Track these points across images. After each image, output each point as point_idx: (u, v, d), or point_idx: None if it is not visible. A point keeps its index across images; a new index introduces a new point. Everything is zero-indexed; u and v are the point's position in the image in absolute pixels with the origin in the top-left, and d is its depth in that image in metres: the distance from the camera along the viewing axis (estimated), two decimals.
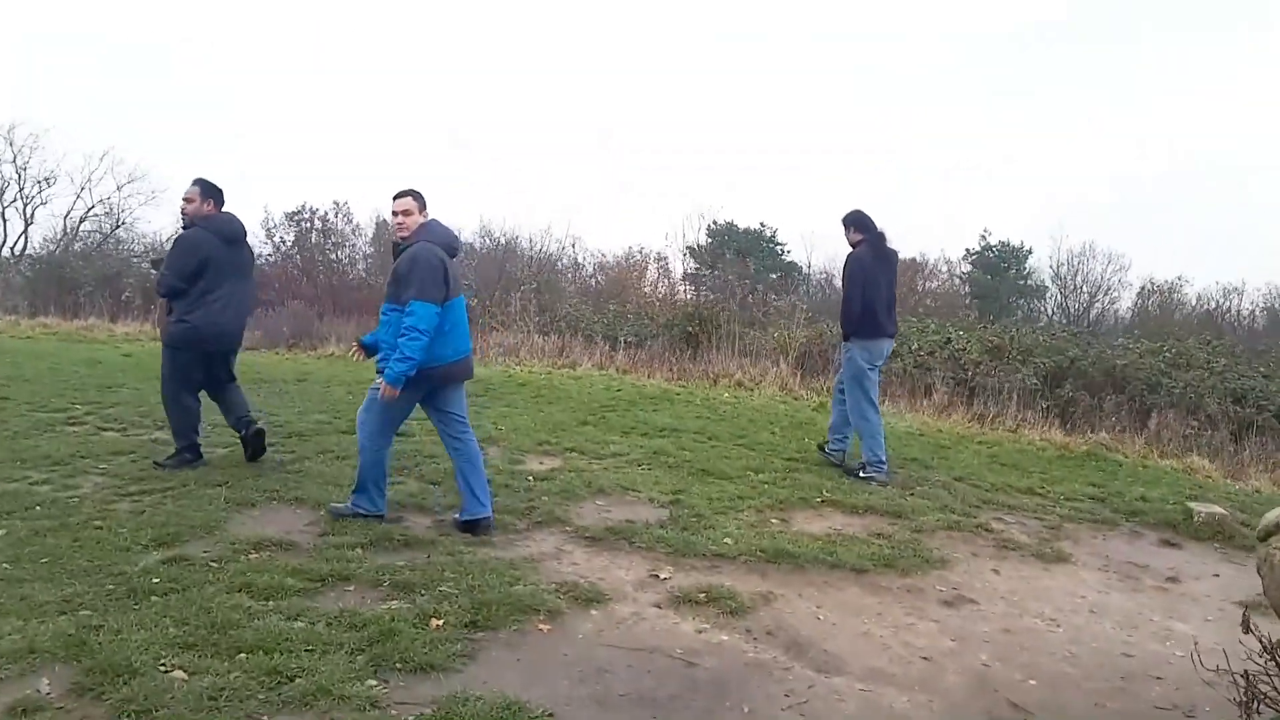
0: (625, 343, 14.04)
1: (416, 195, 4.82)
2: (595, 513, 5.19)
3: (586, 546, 4.60)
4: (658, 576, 4.24)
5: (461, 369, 4.93)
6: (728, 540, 4.72)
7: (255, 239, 23.61)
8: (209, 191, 5.82)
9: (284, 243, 25.19)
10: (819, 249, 45.26)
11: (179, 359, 5.80)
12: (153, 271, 6.00)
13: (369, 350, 4.98)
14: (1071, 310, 33.90)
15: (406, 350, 4.54)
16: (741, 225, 34.84)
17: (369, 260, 24.87)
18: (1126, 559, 5.11)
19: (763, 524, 5.12)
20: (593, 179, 48.16)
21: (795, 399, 10.17)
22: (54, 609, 3.38)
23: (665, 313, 15.92)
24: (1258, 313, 29.64)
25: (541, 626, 3.61)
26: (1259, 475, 8.52)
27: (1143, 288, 31.82)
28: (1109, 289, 34.20)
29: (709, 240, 37.91)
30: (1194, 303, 30.34)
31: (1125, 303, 32.88)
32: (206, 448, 6.13)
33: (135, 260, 25.23)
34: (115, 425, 7.06)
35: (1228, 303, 30.16)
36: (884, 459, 6.44)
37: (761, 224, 34.17)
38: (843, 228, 6.79)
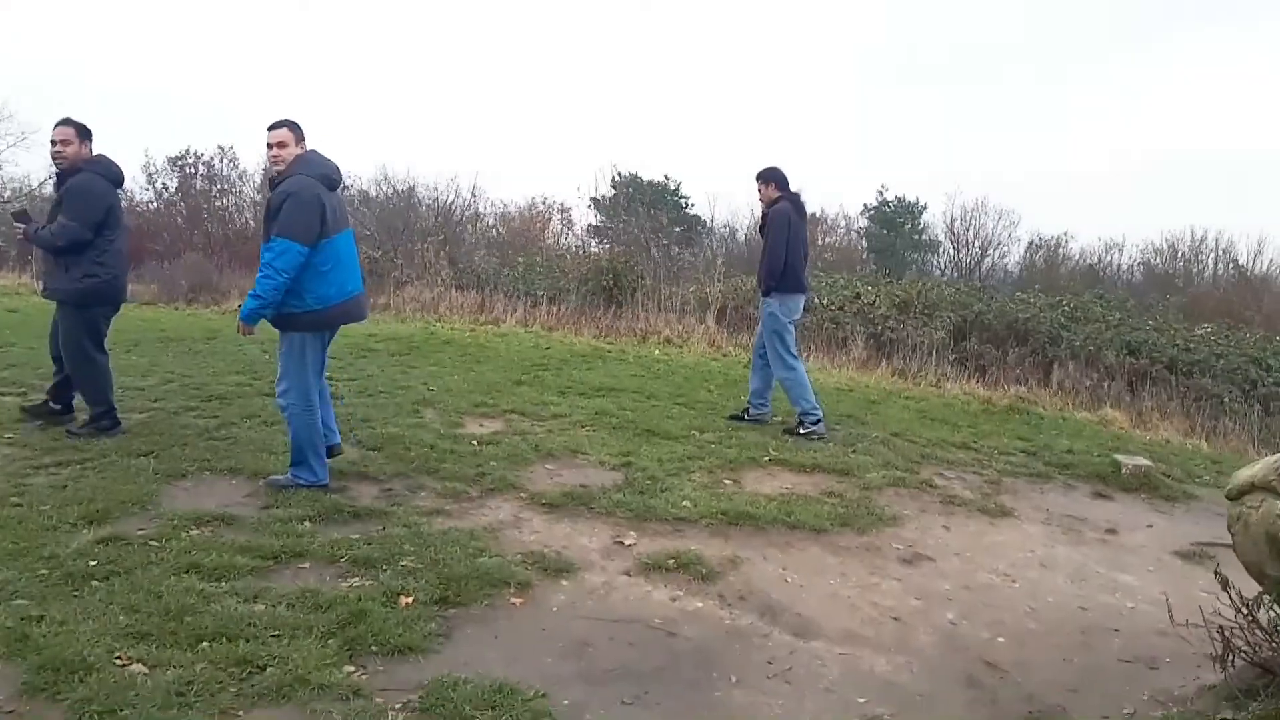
0: (545, 298, 13.82)
1: (293, 125, 4.57)
2: (547, 477, 5.07)
3: (545, 514, 4.48)
4: (622, 543, 4.16)
5: (355, 308, 4.74)
6: (686, 503, 4.66)
7: (136, 184, 22.35)
8: (84, 133, 5.34)
9: (166, 189, 23.92)
10: (722, 203, 45.56)
11: (88, 316, 5.36)
12: (19, 225, 5.43)
13: None
14: (964, 264, 34.88)
15: (260, 288, 4.33)
16: (646, 177, 34.64)
17: (257, 208, 23.75)
18: (1065, 512, 5.27)
19: (716, 485, 5.09)
20: (502, 128, 47.26)
21: (724, 356, 10.18)
22: None
23: (579, 267, 15.71)
24: (1135, 268, 31.04)
25: (514, 600, 3.50)
26: (1162, 424, 8.95)
27: (1031, 242, 32.95)
28: (999, 243, 35.31)
29: (613, 192, 37.56)
30: (1077, 257, 31.67)
31: (1015, 257, 33.95)
32: (123, 412, 5.76)
33: (3, 206, 23.54)
34: (14, 389, 6.55)
35: (1109, 257, 31.52)
36: (818, 407, 6.48)
37: (666, 176, 33.94)
38: (760, 183, 6.70)
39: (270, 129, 4.54)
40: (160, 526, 3.89)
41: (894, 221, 35.73)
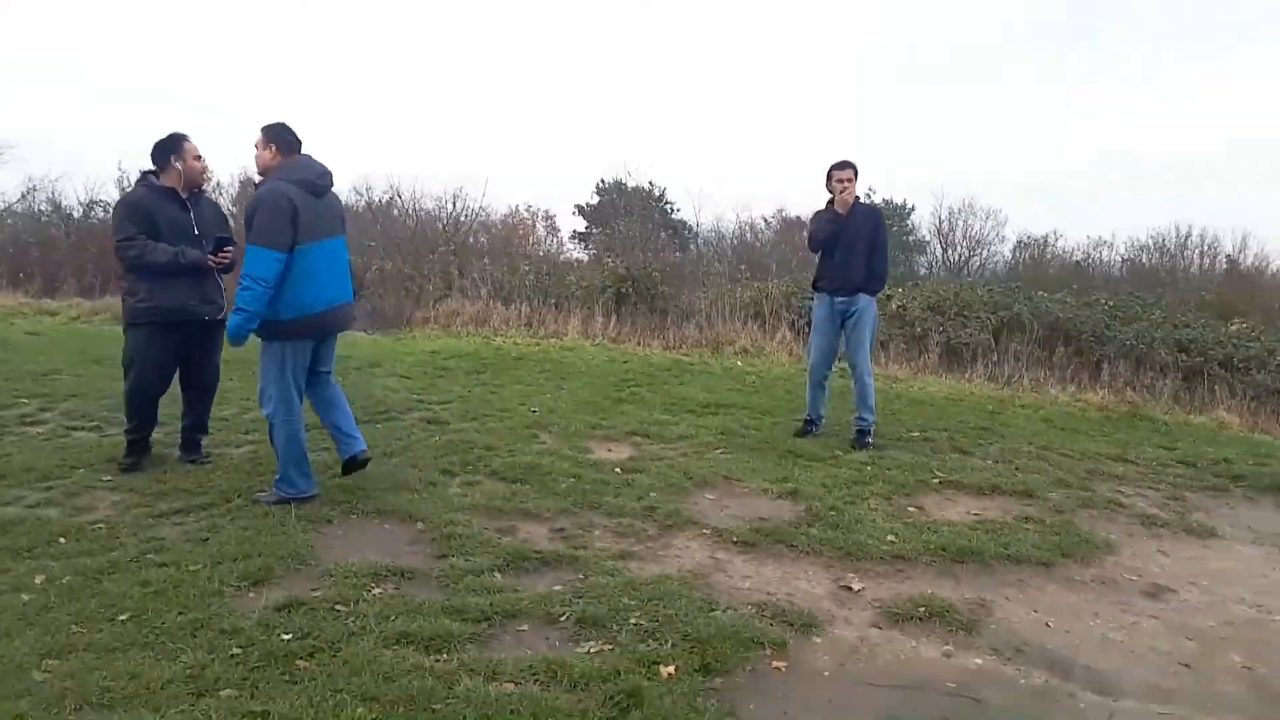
0: (553, 304, 13.28)
1: (268, 130, 4.39)
2: (716, 509, 4.58)
3: (742, 553, 3.99)
4: (850, 588, 3.68)
5: (335, 319, 4.49)
6: (891, 538, 4.19)
7: (95, 195, 21.78)
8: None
9: None
10: (706, 207, 45.33)
11: None
12: (228, 250, 4.91)
13: None
14: (952, 264, 34.62)
15: (240, 301, 4.15)
16: (630, 184, 34.13)
17: (235, 220, 22.96)
18: (1271, 529, 4.84)
19: (902, 513, 4.62)
20: (482, 131, 46.90)
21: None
22: (185, 691, 2.59)
23: (592, 275, 15.16)
24: (1121, 265, 30.67)
25: (775, 664, 3.00)
26: (1268, 423, 8.57)
27: (1019, 241, 32.75)
28: (987, 243, 35.10)
29: (598, 199, 37.06)
30: (1065, 256, 31.31)
31: (1003, 257, 33.70)
32: (218, 446, 5.28)
33: None
34: (85, 423, 6.01)
35: (1097, 254, 31.25)
36: None
37: (650, 182, 33.30)
38: (851, 173, 6.07)
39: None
40: (337, 586, 3.37)
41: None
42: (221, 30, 49.35)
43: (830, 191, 6.21)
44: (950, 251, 35.58)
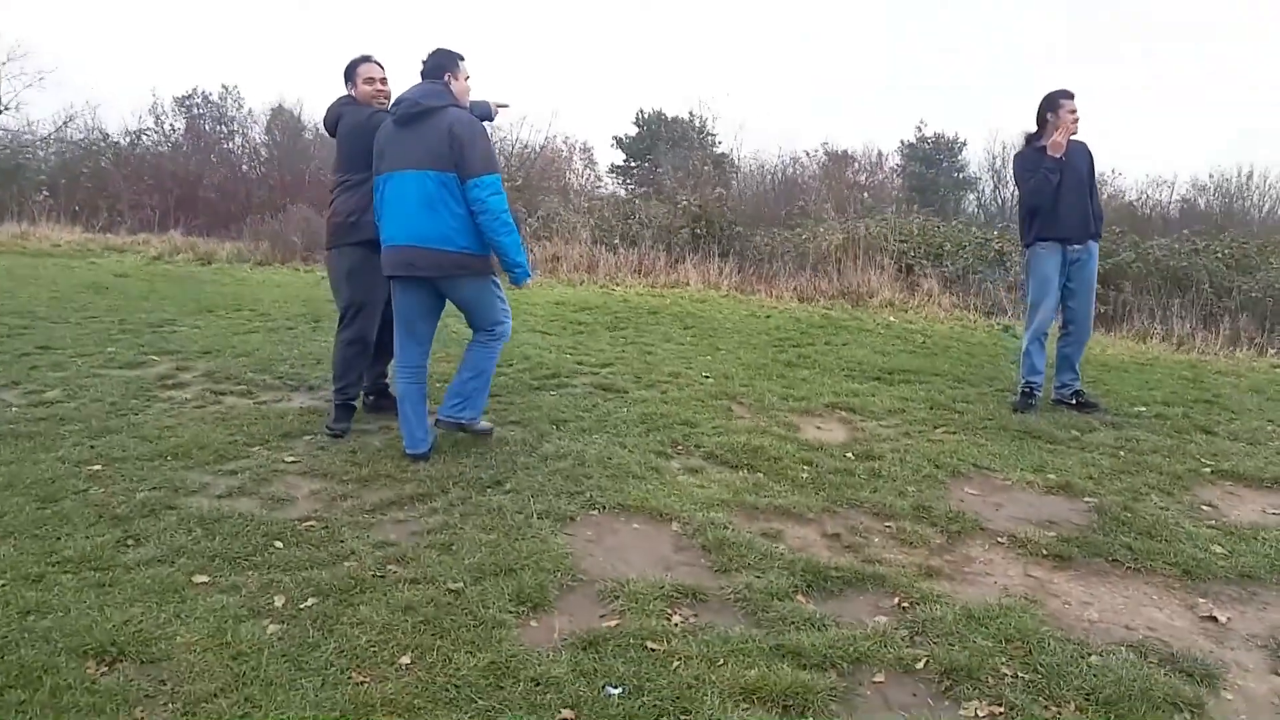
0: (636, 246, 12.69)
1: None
2: (988, 507, 4.00)
3: (1060, 570, 3.42)
4: (1215, 619, 3.10)
5: (397, 260, 4.08)
6: (1218, 548, 3.60)
7: (141, 124, 21.11)
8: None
9: (174, 130, 22.78)
10: (748, 141, 43.90)
11: None
12: None
13: None
14: (1005, 202, 33.25)
15: None
16: (670, 114, 32.91)
17: (269, 149, 22.48)
18: None
19: (1199, 513, 4.02)
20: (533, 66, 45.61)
21: (972, 323, 9.02)
22: None
23: (662, 213, 14.38)
24: (1173, 205, 29.01)
25: None
26: None
27: None
28: None
29: (637, 129, 35.85)
30: (1119, 194, 29.70)
31: None
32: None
33: (27, 152, 22.29)
34: (232, 386, 5.54)
35: (1155, 194, 29.64)
36: None
37: (690, 113, 31.97)
38: (1076, 106, 5.51)
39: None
40: (632, 614, 2.84)
41: (933, 159, 34.14)
42: (220, 28, 48.01)
43: (1048, 123, 5.54)
44: (1002, 189, 34.28)
